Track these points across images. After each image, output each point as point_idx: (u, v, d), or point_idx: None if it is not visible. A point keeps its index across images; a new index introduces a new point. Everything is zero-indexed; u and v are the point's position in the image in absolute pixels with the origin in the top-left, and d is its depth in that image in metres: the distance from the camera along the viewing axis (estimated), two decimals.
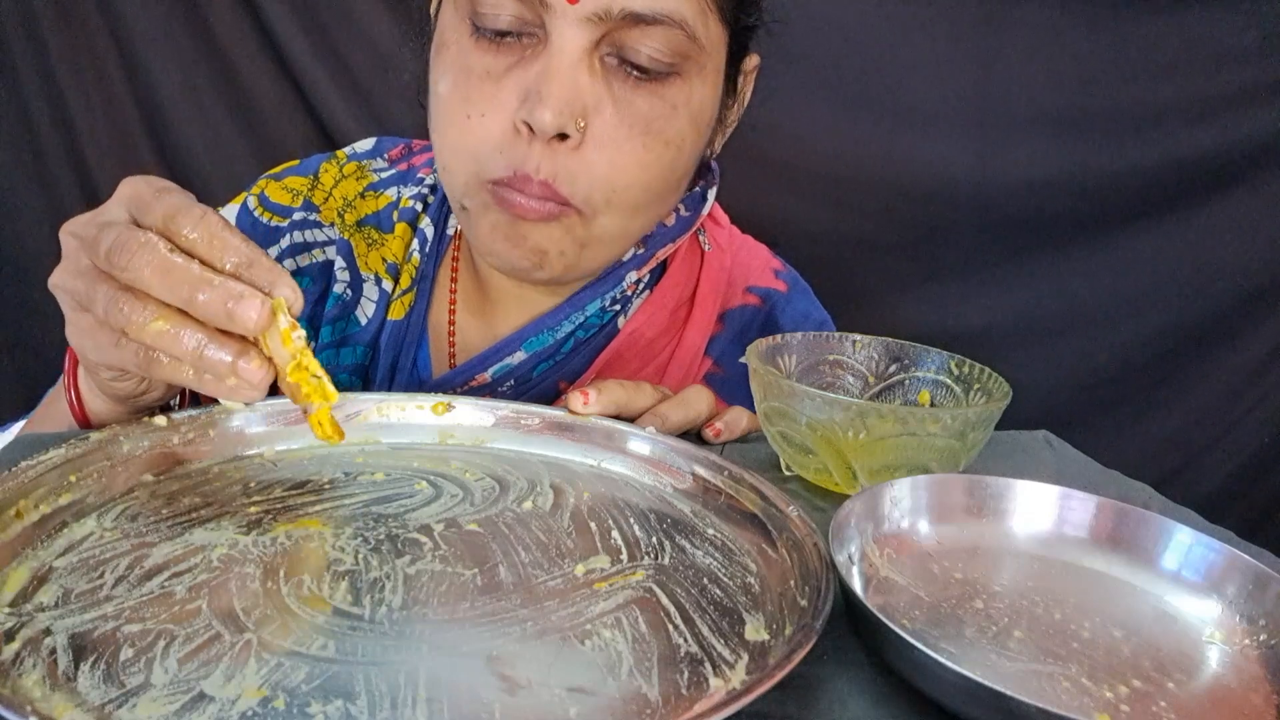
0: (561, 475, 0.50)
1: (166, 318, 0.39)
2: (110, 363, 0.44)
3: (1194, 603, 0.41)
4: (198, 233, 0.39)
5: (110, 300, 0.40)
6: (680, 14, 0.53)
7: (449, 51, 0.56)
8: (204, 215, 0.40)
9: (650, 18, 0.52)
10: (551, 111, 0.51)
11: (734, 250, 0.75)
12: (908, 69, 1.14)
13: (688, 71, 0.56)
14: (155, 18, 1.12)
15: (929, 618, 0.38)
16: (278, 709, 0.29)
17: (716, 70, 0.59)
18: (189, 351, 0.39)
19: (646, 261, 0.67)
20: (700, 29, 0.54)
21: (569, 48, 0.52)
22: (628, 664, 0.33)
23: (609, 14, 0.51)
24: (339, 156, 0.74)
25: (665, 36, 0.53)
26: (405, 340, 0.68)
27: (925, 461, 0.49)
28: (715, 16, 0.56)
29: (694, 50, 0.55)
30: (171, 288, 0.38)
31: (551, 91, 0.52)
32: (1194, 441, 1.26)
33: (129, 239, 0.39)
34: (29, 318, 1.18)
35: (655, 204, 0.61)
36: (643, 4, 0.52)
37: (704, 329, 0.71)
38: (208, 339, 0.39)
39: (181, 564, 0.37)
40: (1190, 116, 1.12)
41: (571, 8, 0.51)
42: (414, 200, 0.70)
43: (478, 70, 0.55)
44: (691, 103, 0.57)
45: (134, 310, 0.39)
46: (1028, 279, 1.21)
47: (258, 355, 0.40)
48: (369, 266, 0.69)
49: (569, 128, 0.52)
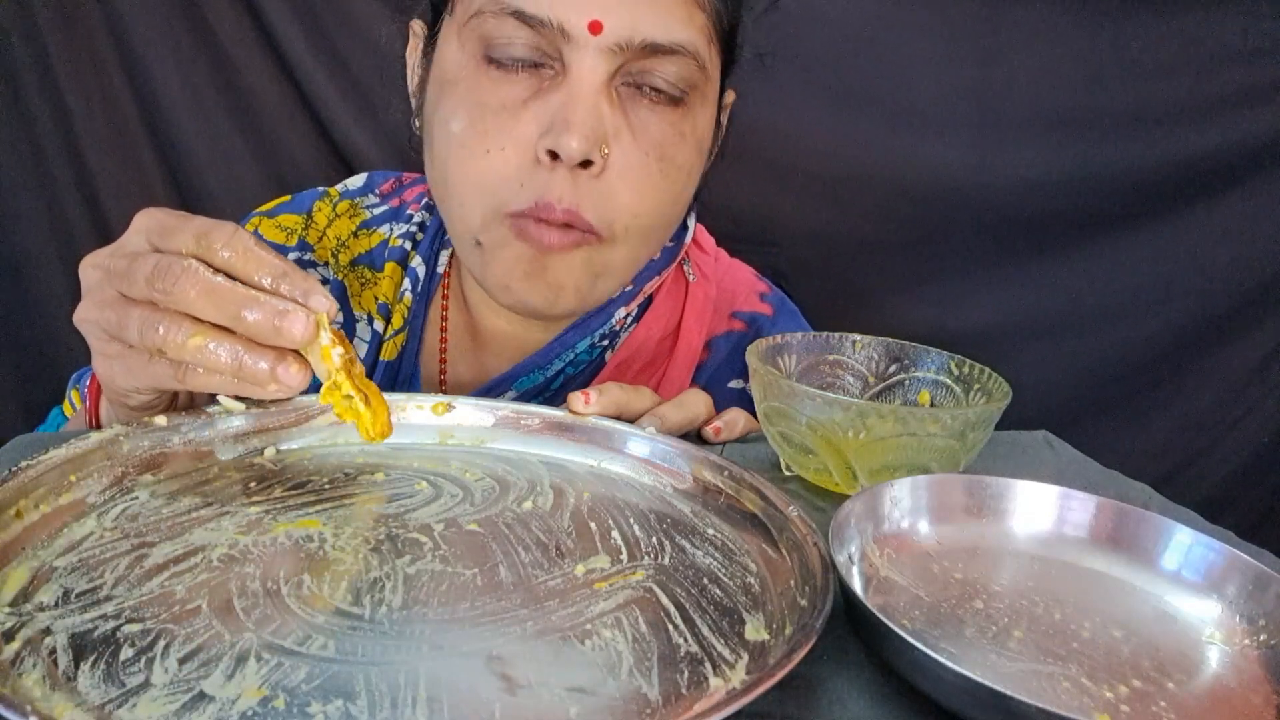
0: (561, 475, 0.50)
1: (203, 333, 0.41)
2: (143, 384, 0.45)
3: (1194, 603, 0.41)
4: (230, 250, 0.41)
5: (146, 323, 0.41)
6: (694, 44, 0.54)
7: (458, 89, 0.55)
8: (235, 232, 0.41)
9: (668, 48, 0.53)
10: (578, 139, 0.51)
11: (719, 277, 0.76)
12: (908, 69, 1.14)
13: (693, 101, 0.57)
14: (155, 18, 1.12)
15: (929, 618, 0.38)
16: (278, 709, 0.29)
17: (714, 99, 0.60)
18: (228, 365, 0.41)
19: (634, 297, 0.68)
20: (707, 58, 0.55)
21: (590, 77, 0.52)
22: (628, 664, 0.33)
23: (629, 44, 0.52)
24: (331, 194, 0.74)
25: (680, 67, 0.54)
26: (398, 381, 0.68)
27: (925, 461, 0.49)
28: (717, 47, 0.57)
29: (701, 80, 0.56)
30: (219, 308, 0.40)
31: (578, 120, 0.52)
32: (1194, 441, 1.26)
33: (170, 264, 0.40)
34: (27, 317, 1.18)
35: (663, 231, 0.61)
36: (662, 35, 0.52)
37: (689, 360, 0.72)
38: (245, 351, 0.41)
39: (181, 564, 0.37)
40: (1190, 116, 1.12)
41: (594, 38, 0.51)
42: (403, 239, 0.70)
43: (493, 105, 0.54)
44: (697, 130, 0.58)
45: (170, 331, 0.41)
46: (1028, 279, 1.21)
47: (295, 360, 0.42)
48: (362, 306, 0.69)
49: (594, 154, 0.53)
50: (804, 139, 1.16)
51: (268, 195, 0.76)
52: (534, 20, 0.51)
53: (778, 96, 1.10)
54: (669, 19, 0.53)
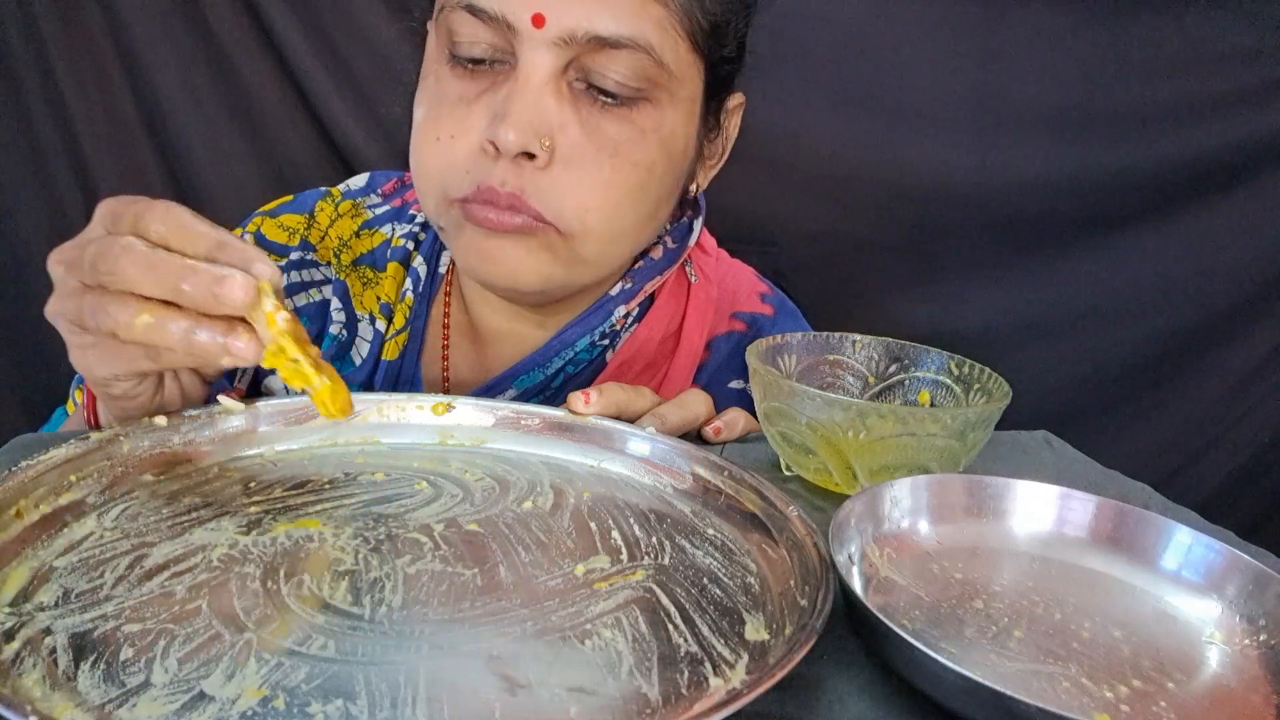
0: (561, 475, 0.50)
1: (151, 311, 0.40)
2: (118, 371, 0.44)
3: (1194, 603, 0.41)
4: (165, 225, 0.41)
5: (96, 307, 0.40)
6: (646, 38, 0.53)
7: (428, 82, 0.58)
8: (169, 208, 0.41)
9: (615, 41, 0.53)
10: (515, 130, 0.52)
11: (720, 278, 0.76)
12: (908, 69, 1.14)
13: (657, 98, 0.56)
14: (155, 18, 1.12)
15: (929, 618, 0.38)
16: (278, 709, 0.29)
17: (691, 99, 0.59)
18: (178, 339, 0.40)
19: (634, 295, 0.68)
20: (669, 54, 0.55)
21: (536, 71, 0.53)
22: (628, 664, 0.33)
23: (574, 37, 0.52)
24: (334, 194, 0.75)
25: (632, 61, 0.54)
26: (399, 380, 0.69)
27: (925, 461, 0.49)
28: (686, 44, 0.56)
29: (662, 76, 0.55)
30: (157, 281, 0.40)
31: (514, 110, 0.53)
32: (1194, 441, 1.26)
33: (108, 245, 0.40)
34: (27, 317, 1.18)
35: (633, 230, 0.61)
36: (607, 28, 0.52)
37: (690, 361, 0.72)
38: (194, 324, 0.40)
39: (181, 564, 0.37)
40: (1190, 116, 1.12)
41: (538, 31, 0.52)
42: (405, 239, 0.71)
43: (451, 97, 0.56)
44: (662, 129, 0.57)
45: (119, 310, 0.40)
46: (1028, 279, 1.21)
47: (245, 330, 0.41)
48: (364, 306, 0.69)
49: (533, 145, 0.53)
50: (804, 139, 1.16)
51: (268, 195, 0.76)
52: (483, 14, 0.53)
53: (778, 96, 1.10)
54: (616, 11, 0.53)
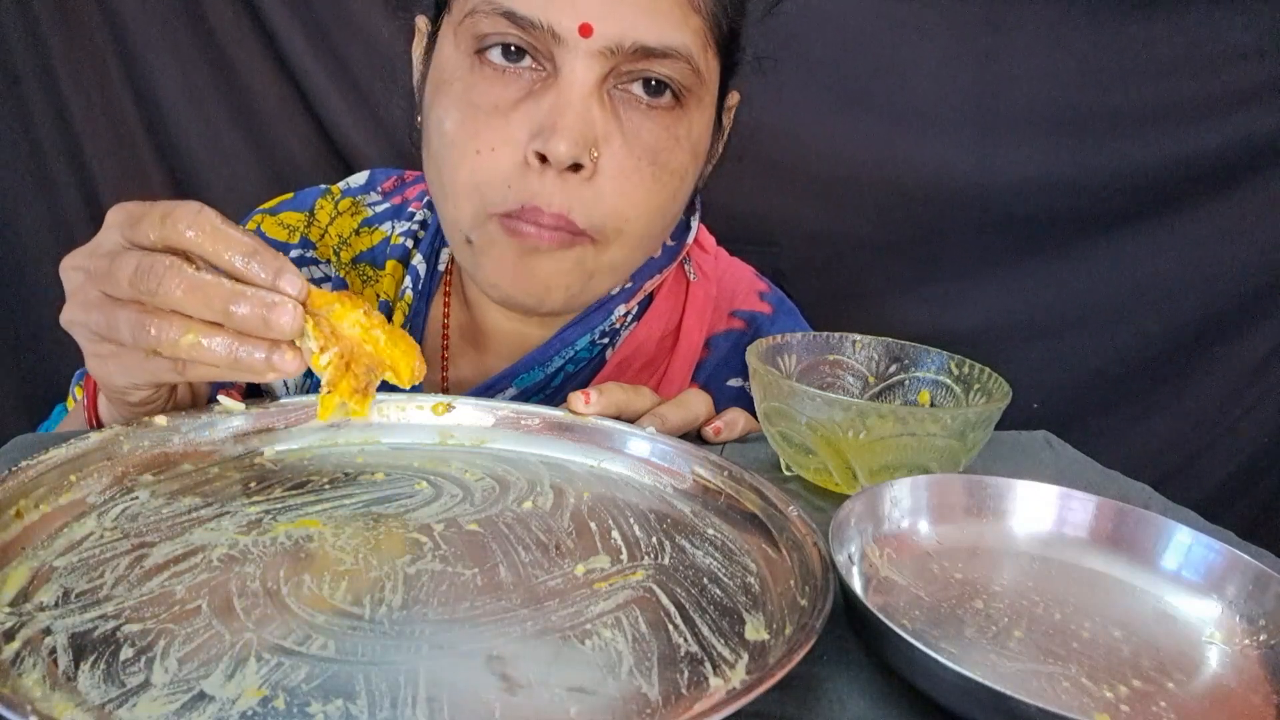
0: (561, 475, 0.50)
1: (196, 330, 0.41)
2: (140, 381, 0.45)
3: (1194, 603, 0.41)
4: (196, 230, 0.41)
5: (137, 325, 0.41)
6: (687, 48, 0.53)
7: (453, 88, 0.56)
8: (199, 211, 0.41)
9: (660, 51, 0.52)
10: (567, 143, 0.51)
11: (719, 276, 0.76)
12: (908, 69, 1.14)
13: (688, 104, 0.56)
14: (155, 18, 1.12)
15: (929, 618, 0.38)
16: (278, 709, 0.29)
17: (711, 103, 0.60)
18: (224, 358, 0.41)
19: (634, 294, 0.68)
20: (702, 62, 0.55)
21: (580, 80, 0.52)
22: (628, 664, 0.33)
23: (620, 47, 0.52)
24: (334, 192, 0.74)
25: (672, 69, 0.54)
26: None
27: (925, 461, 0.49)
28: (713, 50, 0.57)
29: (695, 83, 0.55)
30: (205, 304, 0.40)
31: (567, 124, 0.51)
32: (1194, 441, 1.26)
33: (153, 263, 0.40)
34: (27, 317, 1.18)
35: (658, 233, 0.61)
36: (653, 38, 0.52)
37: (689, 359, 0.72)
38: (238, 343, 0.41)
39: (181, 564, 0.37)
40: (1190, 116, 1.12)
41: (584, 41, 0.51)
42: (404, 237, 0.70)
43: (484, 105, 0.54)
44: (692, 134, 0.58)
45: (163, 330, 0.41)
46: (1028, 279, 1.21)
47: (289, 347, 0.42)
48: None
49: (583, 158, 0.52)
50: (804, 139, 1.16)
51: (267, 194, 0.76)
52: (525, 21, 0.51)
53: (778, 97, 1.10)
54: (662, 22, 0.52)
